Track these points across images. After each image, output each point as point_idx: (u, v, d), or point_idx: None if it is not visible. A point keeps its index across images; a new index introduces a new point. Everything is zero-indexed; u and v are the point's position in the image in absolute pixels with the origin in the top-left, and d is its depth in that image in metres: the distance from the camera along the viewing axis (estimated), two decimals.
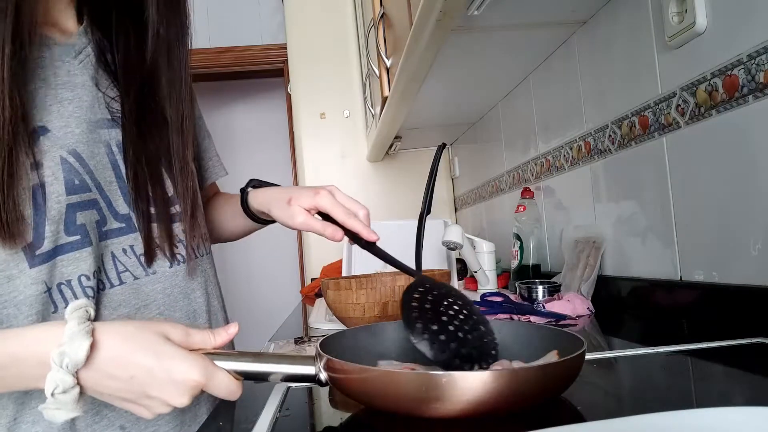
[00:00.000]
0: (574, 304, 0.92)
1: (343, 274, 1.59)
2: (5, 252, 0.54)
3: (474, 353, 0.50)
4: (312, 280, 2.18)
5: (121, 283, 0.62)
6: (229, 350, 0.52)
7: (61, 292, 0.57)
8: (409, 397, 0.42)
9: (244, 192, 0.77)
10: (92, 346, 0.44)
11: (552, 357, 0.51)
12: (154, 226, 0.65)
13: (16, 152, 0.53)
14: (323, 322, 1.13)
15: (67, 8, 0.64)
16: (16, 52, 0.53)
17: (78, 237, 0.58)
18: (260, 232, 0.88)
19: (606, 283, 1.01)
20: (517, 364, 0.53)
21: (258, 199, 0.74)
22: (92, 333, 0.44)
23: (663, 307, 0.86)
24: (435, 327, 0.50)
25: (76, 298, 0.57)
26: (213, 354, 0.48)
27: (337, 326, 0.99)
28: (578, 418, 0.43)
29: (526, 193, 1.34)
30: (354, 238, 0.65)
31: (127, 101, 0.65)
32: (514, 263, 1.32)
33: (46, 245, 0.56)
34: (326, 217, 0.67)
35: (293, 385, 0.58)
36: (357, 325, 0.84)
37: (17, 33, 0.53)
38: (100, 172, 0.61)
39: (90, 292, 0.58)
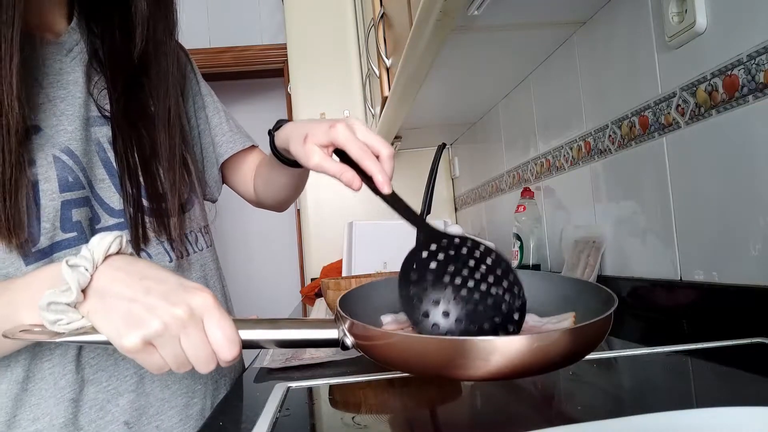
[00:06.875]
0: None
1: (343, 274, 1.60)
2: (2, 250, 0.54)
3: (487, 325, 0.44)
4: (312, 280, 2.17)
5: None
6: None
7: None
8: (432, 363, 0.41)
9: (271, 134, 0.72)
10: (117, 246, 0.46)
11: (567, 321, 0.49)
12: (146, 219, 0.64)
13: (20, 155, 0.53)
14: None
15: (58, 9, 0.64)
16: (23, 60, 0.53)
17: (75, 234, 0.58)
18: (260, 232, 0.88)
19: (606, 283, 1.01)
20: (529, 320, 0.50)
21: (281, 136, 0.68)
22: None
23: (663, 307, 0.86)
24: (437, 303, 0.45)
25: None
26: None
27: None
28: (578, 418, 0.43)
29: (526, 193, 1.34)
30: (368, 182, 0.56)
31: (116, 95, 0.64)
32: (514, 263, 1.32)
33: (43, 242, 0.56)
34: (347, 158, 0.58)
35: (293, 384, 0.58)
36: None
37: (23, 42, 0.53)
38: (92, 170, 0.62)
39: None
